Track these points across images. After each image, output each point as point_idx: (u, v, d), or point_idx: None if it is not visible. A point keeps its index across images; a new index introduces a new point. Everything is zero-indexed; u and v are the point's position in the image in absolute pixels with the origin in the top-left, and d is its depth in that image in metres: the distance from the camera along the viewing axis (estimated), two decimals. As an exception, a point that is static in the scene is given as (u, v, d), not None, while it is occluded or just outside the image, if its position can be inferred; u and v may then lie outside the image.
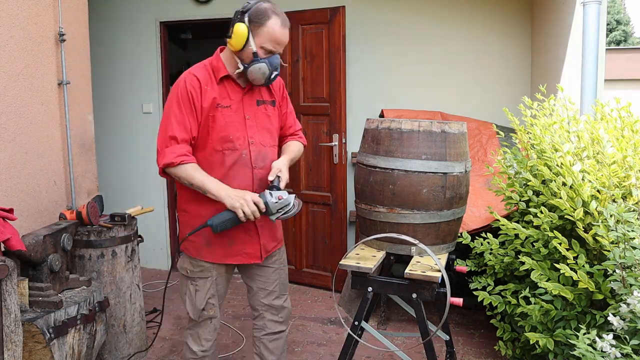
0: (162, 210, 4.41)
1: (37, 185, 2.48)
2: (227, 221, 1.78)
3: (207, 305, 1.97)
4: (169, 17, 4.26)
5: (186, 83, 1.80)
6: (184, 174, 1.78)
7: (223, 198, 1.75)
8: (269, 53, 1.80)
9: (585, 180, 1.85)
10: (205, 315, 1.98)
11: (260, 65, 1.78)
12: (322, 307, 3.63)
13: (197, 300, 1.96)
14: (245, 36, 1.75)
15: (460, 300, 1.82)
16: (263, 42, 1.77)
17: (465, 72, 3.87)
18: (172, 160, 1.76)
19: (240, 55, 1.80)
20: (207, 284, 1.95)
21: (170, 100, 1.82)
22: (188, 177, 1.78)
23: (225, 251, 1.93)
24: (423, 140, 1.87)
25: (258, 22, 1.76)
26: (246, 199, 1.74)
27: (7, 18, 2.29)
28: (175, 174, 1.79)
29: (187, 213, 1.94)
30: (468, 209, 2.57)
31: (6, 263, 1.73)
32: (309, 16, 3.73)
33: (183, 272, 1.98)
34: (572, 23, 2.97)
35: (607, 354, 1.41)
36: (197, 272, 1.94)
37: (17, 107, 2.35)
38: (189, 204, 1.92)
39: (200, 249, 1.92)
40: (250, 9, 1.77)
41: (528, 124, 2.46)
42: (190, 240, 1.92)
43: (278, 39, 1.80)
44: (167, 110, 1.81)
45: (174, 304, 3.66)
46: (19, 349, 1.79)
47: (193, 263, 1.94)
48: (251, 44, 1.76)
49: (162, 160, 1.77)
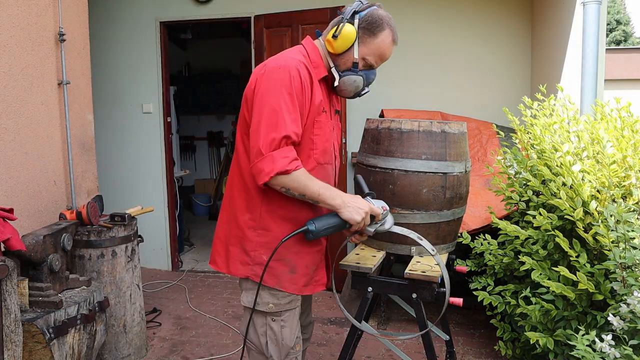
0: (162, 210, 4.41)
1: (37, 185, 2.48)
2: (331, 227, 1.53)
3: (296, 341, 1.64)
4: (169, 17, 4.27)
5: (299, 73, 1.48)
6: (297, 183, 1.46)
7: (339, 207, 1.49)
8: (368, 66, 1.61)
9: (585, 180, 1.85)
10: (293, 354, 1.64)
11: (356, 78, 1.58)
12: (322, 307, 3.63)
13: (285, 338, 1.61)
14: (352, 41, 1.54)
15: (460, 300, 1.82)
16: (367, 54, 1.57)
17: (466, 72, 3.87)
18: (287, 167, 1.43)
19: (336, 59, 1.59)
20: (295, 316, 1.64)
21: (274, 92, 1.45)
22: (302, 187, 1.46)
23: (307, 279, 1.64)
24: (423, 140, 1.87)
25: (370, 31, 1.55)
26: (366, 211, 1.51)
27: (7, 18, 2.29)
28: (284, 184, 1.45)
29: (268, 232, 1.57)
30: (468, 209, 2.57)
31: (6, 263, 1.73)
32: (309, 16, 3.73)
33: (262, 308, 1.59)
34: (572, 23, 2.97)
35: (607, 354, 1.41)
36: (285, 304, 1.60)
37: (17, 107, 2.35)
38: (274, 220, 1.57)
39: (281, 277, 1.58)
40: (364, 12, 1.55)
41: (528, 124, 2.46)
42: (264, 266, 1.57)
43: (385, 56, 1.60)
44: (271, 104, 1.45)
45: (174, 304, 3.67)
46: (19, 349, 1.79)
47: (277, 294, 1.59)
48: (354, 52, 1.55)
49: (274, 168, 1.42)
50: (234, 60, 6.69)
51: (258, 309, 1.60)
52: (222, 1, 4.16)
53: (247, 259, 1.60)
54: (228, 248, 1.64)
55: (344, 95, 1.65)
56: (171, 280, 4.19)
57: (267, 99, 1.46)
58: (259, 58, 3.96)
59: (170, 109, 4.60)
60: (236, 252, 1.61)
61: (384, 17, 1.57)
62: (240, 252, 1.61)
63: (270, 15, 3.89)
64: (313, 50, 1.61)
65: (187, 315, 3.47)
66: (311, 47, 1.62)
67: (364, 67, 1.60)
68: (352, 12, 1.55)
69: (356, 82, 1.59)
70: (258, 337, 1.63)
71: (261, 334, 1.62)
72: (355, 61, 1.57)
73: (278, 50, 1.77)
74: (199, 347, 3.00)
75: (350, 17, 1.55)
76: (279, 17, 3.85)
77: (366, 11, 1.56)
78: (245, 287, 1.64)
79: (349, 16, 1.55)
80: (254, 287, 1.59)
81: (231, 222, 1.64)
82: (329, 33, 1.58)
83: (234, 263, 1.62)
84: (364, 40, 1.56)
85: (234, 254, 1.62)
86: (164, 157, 4.40)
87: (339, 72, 1.60)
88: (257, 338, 1.63)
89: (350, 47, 1.56)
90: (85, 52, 2.92)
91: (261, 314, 1.61)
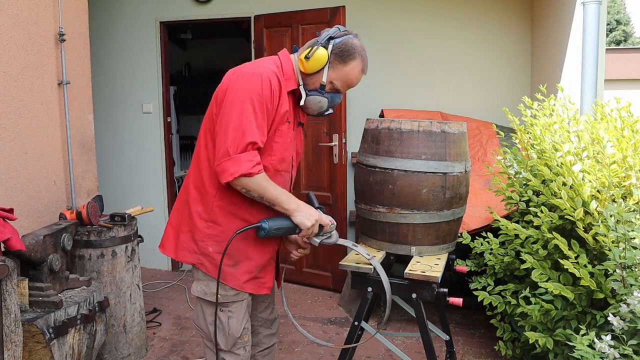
0: (162, 210, 4.41)
1: (37, 185, 2.48)
2: (282, 229, 1.61)
3: (243, 331, 1.73)
4: (169, 17, 4.27)
5: (270, 82, 1.56)
6: (257, 186, 1.55)
7: (293, 212, 1.59)
8: (334, 90, 1.69)
9: (586, 180, 1.85)
10: (240, 344, 1.73)
11: (321, 99, 1.66)
12: (322, 307, 3.63)
13: (232, 328, 1.70)
14: (323, 64, 1.62)
15: (460, 300, 1.82)
16: (335, 79, 1.66)
17: (465, 72, 3.87)
18: (250, 170, 1.52)
19: (306, 78, 1.67)
20: (243, 308, 1.72)
21: (244, 97, 1.54)
22: (261, 190, 1.55)
23: (250, 277, 1.71)
24: (423, 140, 1.87)
25: (342, 58, 1.63)
26: (316, 219, 1.61)
27: (7, 18, 2.29)
28: (245, 185, 1.54)
29: (217, 226, 1.66)
30: (468, 209, 2.57)
31: (6, 263, 1.72)
32: (309, 16, 3.73)
33: (210, 298, 1.68)
34: (572, 23, 2.97)
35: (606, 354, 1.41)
36: (232, 296, 1.69)
37: (17, 107, 2.35)
38: (224, 215, 1.66)
39: (224, 270, 1.66)
40: (339, 39, 1.63)
41: (528, 124, 2.46)
42: (209, 257, 1.67)
43: (352, 83, 1.69)
44: (240, 108, 1.53)
45: (174, 304, 3.67)
46: (19, 349, 1.79)
47: (224, 286, 1.68)
48: (324, 75, 1.64)
49: (239, 169, 1.51)
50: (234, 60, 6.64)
51: (207, 299, 1.70)
52: (222, 1, 4.16)
53: (195, 247, 1.68)
54: (178, 235, 1.72)
55: (307, 113, 1.74)
56: (171, 280, 4.19)
57: (237, 104, 1.54)
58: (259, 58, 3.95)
59: (170, 109, 4.60)
60: (185, 239, 1.70)
61: (357, 47, 1.65)
62: (189, 240, 1.69)
63: (270, 15, 3.89)
64: (287, 63, 1.69)
65: (187, 315, 3.47)
66: (286, 60, 1.69)
67: (330, 90, 1.68)
68: (327, 37, 1.64)
69: (320, 102, 1.68)
70: (207, 326, 1.73)
71: (210, 323, 1.72)
72: (322, 83, 1.66)
73: (278, 50, 1.80)
74: (199, 347, 3.00)
75: (325, 42, 1.63)
76: (279, 17, 3.85)
77: (341, 39, 1.64)
78: (196, 277, 1.73)
79: (324, 40, 1.63)
80: (204, 278, 1.69)
81: (184, 210, 1.72)
82: (302, 53, 1.66)
83: (182, 250, 1.71)
84: (334, 66, 1.65)
85: (183, 241, 1.70)
86: (164, 157, 4.40)
87: (307, 91, 1.68)
88: (206, 326, 1.74)
89: (320, 70, 1.64)
90: (85, 52, 2.92)
91: (211, 304, 1.70)
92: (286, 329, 3.23)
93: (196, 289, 1.73)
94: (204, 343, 1.80)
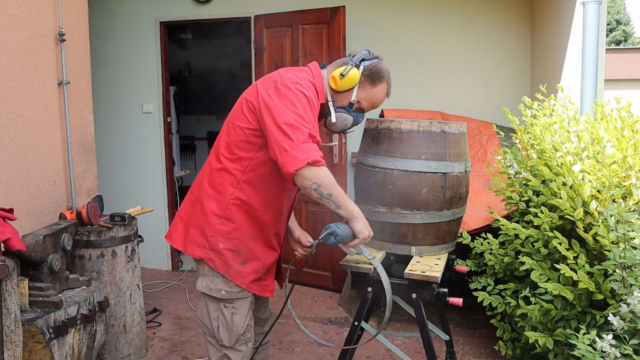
0: (162, 210, 4.41)
1: (37, 185, 2.48)
2: (346, 237, 1.61)
3: (246, 328, 1.76)
4: (169, 17, 4.27)
5: (312, 91, 1.64)
6: (327, 178, 1.50)
7: (355, 217, 1.59)
8: (360, 110, 1.77)
9: (586, 180, 1.85)
10: (243, 340, 1.76)
11: (348, 116, 1.74)
12: (322, 307, 3.63)
13: (235, 325, 1.72)
14: (355, 84, 1.71)
15: (460, 300, 1.82)
16: (363, 99, 1.74)
17: (466, 72, 3.87)
18: (319, 158, 1.49)
19: (335, 95, 1.73)
20: (247, 304, 1.75)
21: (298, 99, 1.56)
22: (331, 185, 1.51)
23: (256, 278, 1.74)
24: (423, 140, 1.87)
25: (372, 79, 1.72)
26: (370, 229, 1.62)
27: (7, 18, 2.29)
28: (317, 176, 1.48)
29: (230, 223, 1.68)
30: (468, 209, 2.57)
31: (6, 263, 1.73)
32: (309, 16, 3.73)
33: (215, 294, 1.71)
34: (572, 23, 2.97)
35: (607, 354, 1.41)
36: (237, 292, 1.71)
37: (17, 107, 2.35)
38: (239, 213, 1.68)
39: (231, 267, 1.69)
40: (370, 62, 1.72)
41: (528, 124, 2.46)
42: (218, 252, 1.69)
43: (377, 104, 1.78)
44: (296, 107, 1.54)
45: (174, 304, 3.67)
46: (19, 349, 1.79)
47: (230, 282, 1.70)
48: (353, 94, 1.72)
49: (309, 155, 1.46)
50: (234, 60, 6.68)
51: (211, 295, 1.72)
52: (222, 1, 4.16)
53: (205, 242, 1.70)
54: (188, 228, 1.74)
55: (331, 129, 1.78)
56: (171, 280, 4.19)
57: (293, 107, 1.54)
58: (259, 58, 3.96)
59: (170, 109, 4.60)
60: (196, 234, 1.71)
61: (385, 71, 1.75)
62: (199, 235, 1.71)
63: (270, 15, 3.89)
64: (318, 78, 1.73)
65: (187, 315, 3.47)
66: (317, 74, 1.74)
67: (356, 109, 1.76)
68: (361, 58, 1.72)
69: (347, 120, 1.75)
70: (210, 322, 1.75)
71: (213, 319, 1.74)
72: (351, 102, 1.73)
73: (278, 50, 1.82)
74: (199, 347, 3.00)
75: (358, 64, 1.71)
76: (279, 17, 3.85)
77: (372, 61, 1.73)
78: (201, 272, 1.74)
79: (357, 61, 1.71)
80: (210, 274, 1.71)
81: (195, 205, 1.74)
82: (335, 70, 1.71)
83: (192, 244, 1.72)
84: (363, 86, 1.73)
85: (193, 236, 1.72)
86: (164, 157, 4.40)
87: (335, 108, 1.74)
88: (209, 322, 1.75)
89: (351, 89, 1.72)
90: (85, 52, 2.92)
91: (214, 300, 1.72)
92: (286, 329, 3.23)
93: (201, 284, 1.74)
94: (207, 339, 1.81)
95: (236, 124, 1.67)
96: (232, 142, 1.67)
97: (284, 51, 3.86)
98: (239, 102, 1.70)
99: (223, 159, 1.69)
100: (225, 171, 1.68)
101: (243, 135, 1.64)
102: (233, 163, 1.66)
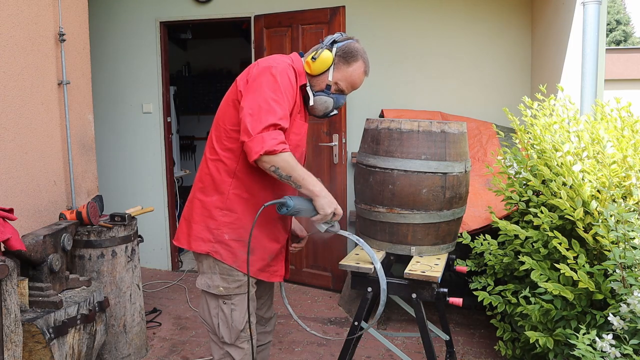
0: (162, 210, 4.41)
1: (37, 185, 2.48)
2: (303, 210, 1.64)
3: (246, 325, 1.77)
4: (169, 17, 4.27)
5: (288, 73, 1.66)
6: (286, 163, 1.56)
7: (317, 194, 1.62)
8: (339, 91, 1.78)
9: (586, 180, 1.85)
10: (244, 337, 1.77)
11: (327, 99, 1.76)
12: (322, 307, 3.63)
13: (235, 321, 1.74)
14: (328, 66, 1.73)
15: (460, 300, 1.82)
16: (340, 80, 1.76)
17: (466, 72, 3.87)
18: (275, 147, 1.54)
19: (312, 80, 1.77)
20: (246, 301, 1.76)
21: (269, 81, 1.62)
22: (289, 168, 1.57)
23: (263, 265, 1.78)
24: (423, 140, 1.87)
25: (345, 59, 1.74)
26: (335, 207, 1.64)
27: (7, 18, 2.29)
28: (274, 162, 1.56)
29: (233, 213, 1.71)
30: (468, 209, 2.57)
31: (6, 263, 1.73)
32: (309, 16, 3.73)
33: (214, 291, 1.74)
34: (572, 23, 2.97)
35: (607, 354, 1.41)
36: (234, 289, 1.73)
37: (17, 107, 2.35)
38: (240, 203, 1.72)
39: (238, 257, 1.71)
40: (342, 43, 1.75)
41: (528, 124, 2.46)
42: (224, 244, 1.71)
43: (355, 84, 1.79)
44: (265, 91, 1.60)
45: (174, 304, 3.67)
46: (19, 349, 1.79)
47: (227, 278, 1.72)
48: (329, 75, 1.74)
49: (263, 147, 1.54)
50: (234, 60, 6.68)
51: (211, 292, 1.74)
52: (222, 1, 4.16)
53: (209, 236, 1.72)
54: (191, 225, 1.76)
55: (314, 113, 1.81)
56: (171, 280, 4.19)
57: (258, 88, 1.61)
58: (259, 58, 3.95)
59: (170, 109, 4.60)
60: (199, 229, 1.74)
61: (359, 49, 1.76)
62: (203, 229, 1.73)
63: (270, 15, 3.89)
64: (297, 60, 1.78)
65: (187, 315, 3.47)
66: (297, 59, 1.78)
67: (335, 91, 1.78)
68: (331, 40, 1.75)
69: (326, 102, 1.77)
70: (211, 318, 1.78)
71: (214, 316, 1.76)
72: (328, 84, 1.76)
73: (278, 50, 1.84)
74: (199, 347, 3.00)
75: (329, 45, 1.74)
76: (279, 17, 3.85)
77: (344, 42, 1.75)
78: (200, 270, 1.77)
79: (328, 44, 1.75)
80: (208, 271, 1.74)
81: (194, 201, 1.77)
82: (308, 56, 1.76)
83: (196, 240, 1.74)
84: (338, 67, 1.75)
85: (196, 231, 1.74)
86: (164, 157, 4.40)
87: (313, 92, 1.77)
88: (210, 319, 1.78)
89: (326, 71, 1.74)
90: (85, 52, 2.92)
91: (214, 297, 1.75)
92: (286, 329, 3.23)
93: (200, 282, 1.77)
94: (210, 337, 1.83)
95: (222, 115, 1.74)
96: (221, 134, 1.73)
97: (283, 51, 3.85)
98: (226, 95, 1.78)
99: (217, 149, 1.74)
100: (220, 161, 1.72)
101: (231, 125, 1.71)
102: (225, 152, 1.72)
